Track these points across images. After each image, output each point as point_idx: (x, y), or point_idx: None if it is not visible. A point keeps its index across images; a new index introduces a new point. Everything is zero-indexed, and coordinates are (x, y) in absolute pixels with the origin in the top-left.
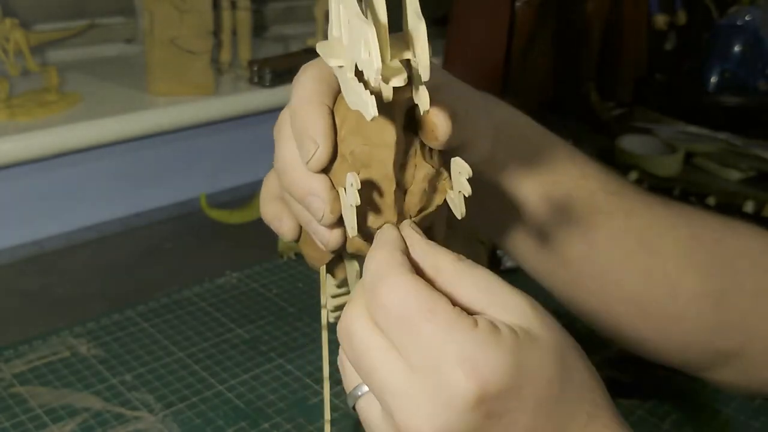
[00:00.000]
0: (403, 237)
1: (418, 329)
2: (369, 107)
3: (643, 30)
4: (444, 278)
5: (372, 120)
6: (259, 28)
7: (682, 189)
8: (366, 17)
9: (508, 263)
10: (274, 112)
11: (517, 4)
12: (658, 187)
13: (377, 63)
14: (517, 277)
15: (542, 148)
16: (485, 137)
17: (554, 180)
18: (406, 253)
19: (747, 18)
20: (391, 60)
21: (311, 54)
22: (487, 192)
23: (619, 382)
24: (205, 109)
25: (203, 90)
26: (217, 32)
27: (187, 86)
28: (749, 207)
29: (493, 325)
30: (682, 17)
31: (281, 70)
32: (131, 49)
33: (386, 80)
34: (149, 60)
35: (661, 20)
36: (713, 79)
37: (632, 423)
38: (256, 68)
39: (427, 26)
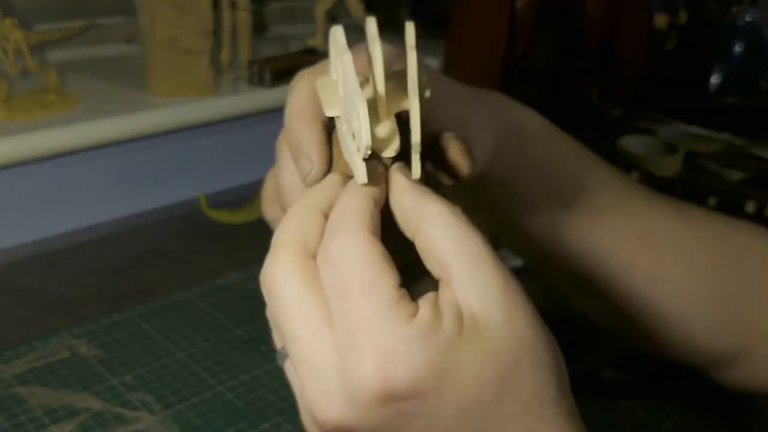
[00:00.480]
0: (386, 184)
1: (352, 301)
2: (359, 175)
3: (643, 30)
4: (426, 229)
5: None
6: (259, 28)
7: (683, 189)
8: (368, 74)
9: (512, 263)
10: (274, 112)
11: (517, 4)
12: (659, 187)
13: (366, 140)
14: (521, 277)
15: (551, 148)
16: (484, 134)
17: (559, 180)
18: (380, 204)
19: (748, 18)
20: (387, 116)
21: (311, 54)
22: (494, 188)
23: (620, 382)
24: (205, 109)
25: (203, 90)
26: (217, 32)
27: (186, 86)
28: (750, 207)
29: (434, 318)
30: (683, 17)
31: (281, 70)
32: (131, 49)
33: (378, 151)
34: (149, 60)
35: (661, 20)
36: (714, 80)
37: (633, 424)
38: (256, 68)
39: (427, 26)
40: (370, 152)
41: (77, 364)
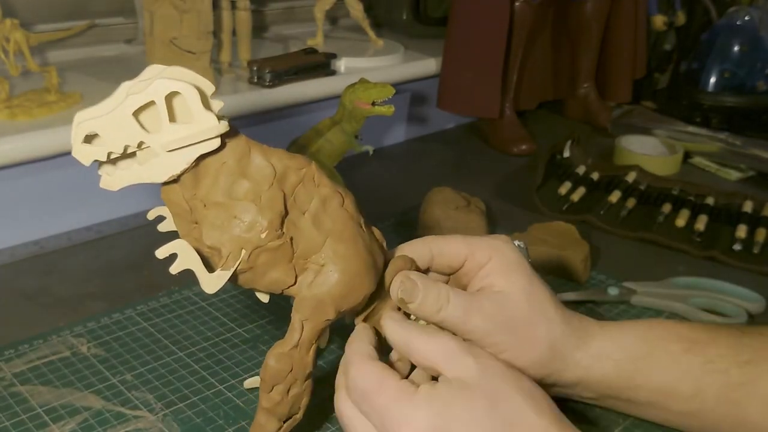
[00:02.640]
0: (375, 330)
1: (373, 400)
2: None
3: (642, 30)
4: (414, 347)
5: None
6: (259, 28)
7: (681, 189)
8: None
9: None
10: (274, 112)
11: (517, 4)
12: (658, 187)
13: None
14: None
15: (659, 355)
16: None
17: (681, 378)
18: (375, 342)
19: (746, 18)
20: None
21: (311, 54)
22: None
23: None
24: None
25: None
26: (217, 32)
27: None
28: (748, 207)
29: (431, 389)
30: (681, 17)
31: (281, 70)
32: (131, 49)
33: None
34: (149, 60)
35: (659, 20)
36: (712, 80)
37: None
38: (256, 68)
39: (427, 26)
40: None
41: (78, 363)
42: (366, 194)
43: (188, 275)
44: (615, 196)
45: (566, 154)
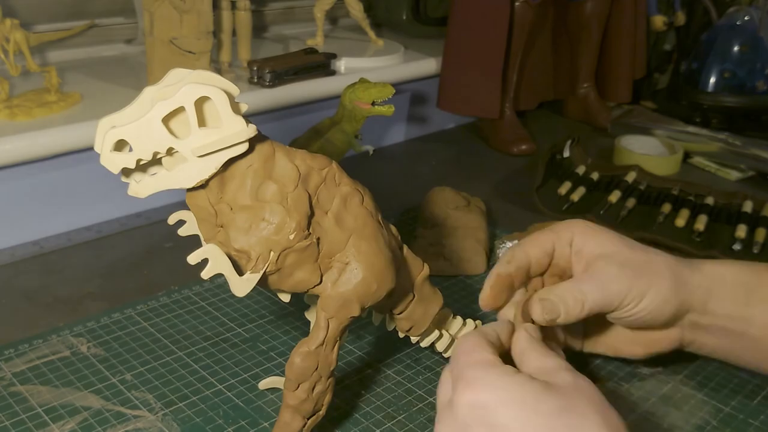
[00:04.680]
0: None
1: (460, 358)
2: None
3: (642, 30)
4: (526, 358)
5: None
6: (259, 28)
7: (681, 189)
8: None
9: None
10: (274, 112)
11: (517, 3)
12: (658, 186)
13: None
14: None
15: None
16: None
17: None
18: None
19: (746, 18)
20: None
21: (311, 54)
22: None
23: None
24: None
25: None
26: (217, 32)
27: None
28: (748, 207)
29: (516, 371)
30: (681, 18)
31: (281, 70)
32: (131, 49)
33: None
34: (149, 60)
35: (659, 21)
36: (712, 80)
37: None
38: (256, 68)
39: (427, 26)
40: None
41: (77, 363)
42: None
43: (187, 276)
44: (615, 196)
45: (566, 154)
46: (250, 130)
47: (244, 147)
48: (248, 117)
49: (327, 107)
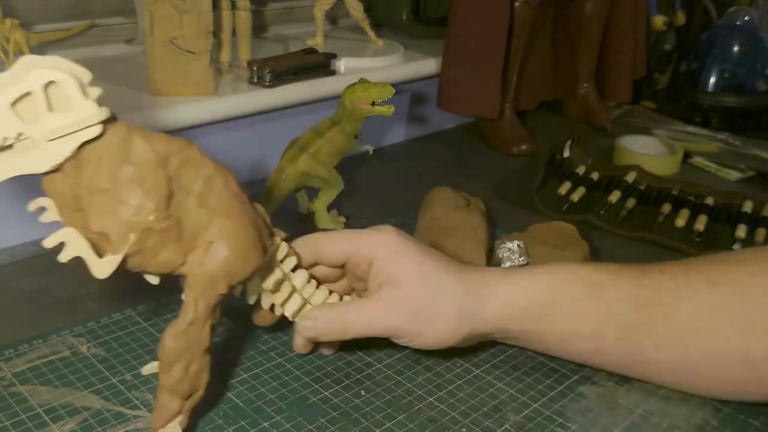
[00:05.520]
0: None
1: None
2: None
3: (642, 30)
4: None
5: None
6: (259, 28)
7: (681, 189)
8: None
9: (504, 265)
10: (274, 112)
11: (517, 3)
12: (657, 187)
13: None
14: None
15: (562, 302)
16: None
17: (583, 322)
18: None
19: (746, 18)
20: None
21: (311, 54)
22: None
23: None
24: (205, 109)
25: (203, 90)
26: (217, 32)
27: (187, 86)
28: (748, 207)
29: None
30: (681, 18)
31: (281, 70)
32: (131, 49)
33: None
34: (149, 60)
35: (659, 21)
36: (712, 80)
37: None
38: (256, 68)
39: (427, 26)
40: None
41: (77, 363)
42: (366, 194)
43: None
44: (615, 196)
45: (566, 154)
46: (103, 113)
47: (98, 130)
48: (248, 117)
49: (327, 107)
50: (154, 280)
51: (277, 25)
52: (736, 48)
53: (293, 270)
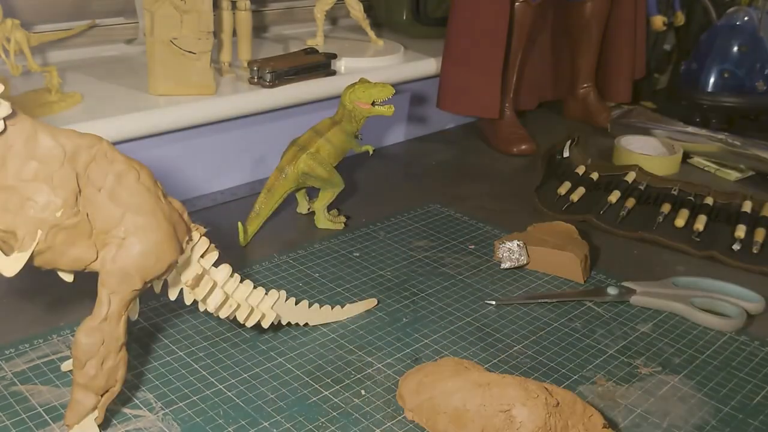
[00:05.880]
0: None
1: None
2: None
3: (641, 30)
4: None
5: None
6: (259, 29)
7: (681, 189)
8: None
9: (504, 265)
10: (274, 112)
11: (517, 4)
12: (657, 186)
13: None
14: (516, 277)
15: None
16: None
17: None
18: None
19: (745, 18)
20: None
21: (311, 54)
22: None
23: None
24: (205, 109)
25: (203, 90)
26: (217, 32)
27: (187, 86)
28: (747, 207)
29: None
30: (680, 18)
31: (281, 70)
32: (132, 49)
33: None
34: (150, 60)
35: (659, 21)
36: (712, 80)
37: None
38: (256, 68)
39: (427, 26)
40: None
41: None
42: (366, 194)
43: None
44: (614, 196)
45: (566, 154)
46: (3, 110)
47: None
48: (248, 117)
49: (327, 107)
50: (67, 277)
51: (277, 25)
52: (735, 48)
53: (215, 265)
